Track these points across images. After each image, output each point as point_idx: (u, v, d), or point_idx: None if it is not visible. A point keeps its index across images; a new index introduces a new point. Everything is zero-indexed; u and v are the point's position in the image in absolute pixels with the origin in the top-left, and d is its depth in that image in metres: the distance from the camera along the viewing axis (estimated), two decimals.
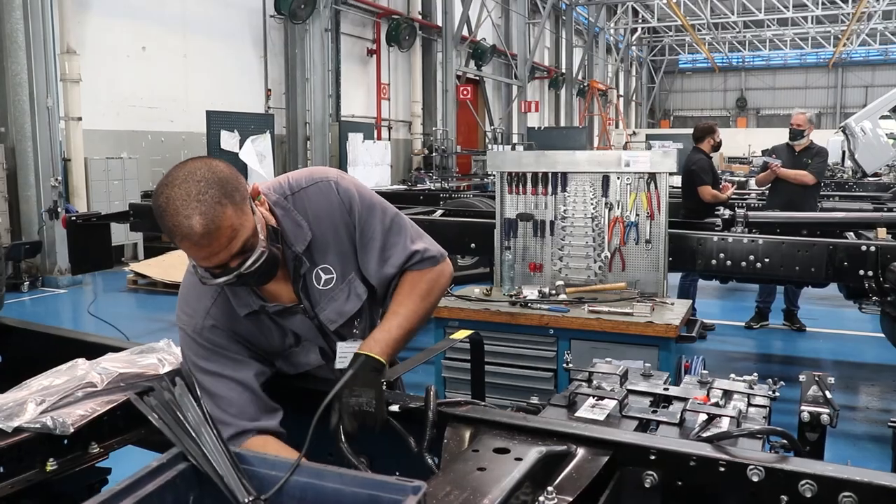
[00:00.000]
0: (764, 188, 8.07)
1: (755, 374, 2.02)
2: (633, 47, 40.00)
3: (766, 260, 5.08)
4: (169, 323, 7.55)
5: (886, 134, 15.31)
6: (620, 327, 3.49)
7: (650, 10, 35.79)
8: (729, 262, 5.16)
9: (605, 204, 4.14)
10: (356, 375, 1.67)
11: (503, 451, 1.44)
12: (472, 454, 1.42)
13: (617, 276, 4.15)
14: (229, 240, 1.55)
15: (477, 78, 22.82)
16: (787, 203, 6.92)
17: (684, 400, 1.86)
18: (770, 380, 1.87)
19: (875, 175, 15.10)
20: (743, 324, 7.56)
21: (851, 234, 5.61)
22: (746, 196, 9.38)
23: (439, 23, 19.38)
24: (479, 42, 21.88)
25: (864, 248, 4.90)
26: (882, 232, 5.29)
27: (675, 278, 6.34)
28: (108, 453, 1.80)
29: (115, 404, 1.79)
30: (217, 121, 12.20)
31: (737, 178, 12.97)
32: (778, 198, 7.20)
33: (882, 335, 7.23)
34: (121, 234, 10.69)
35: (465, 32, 20.06)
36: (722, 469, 1.48)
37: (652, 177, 4.05)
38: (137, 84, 11.81)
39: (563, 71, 29.56)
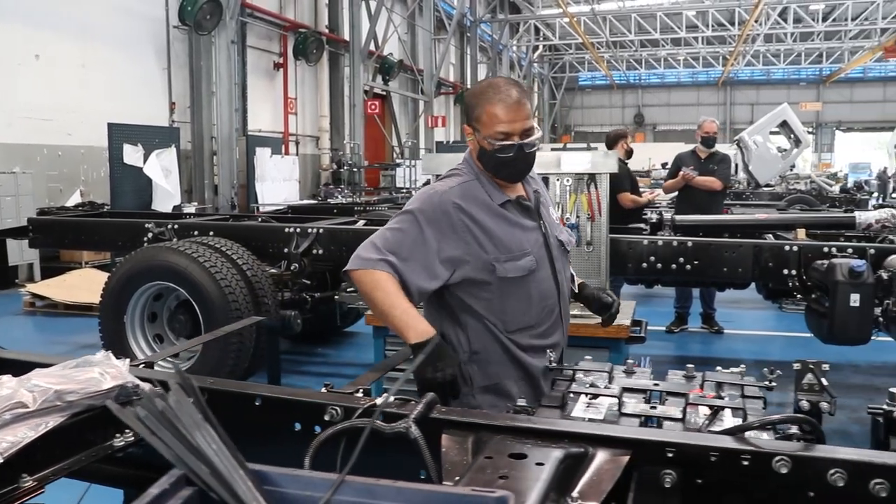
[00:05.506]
0: (670, 195, 8.25)
1: (742, 366, 1.95)
2: (535, 64, 40.83)
3: (696, 262, 5.15)
4: (76, 346, 7.03)
5: (776, 147, 16.16)
6: (570, 330, 3.39)
7: (551, 29, 36.67)
8: (660, 265, 5.21)
9: None
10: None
11: (520, 456, 1.29)
12: (487, 461, 1.27)
13: None
14: (528, 116, 2.25)
15: (384, 93, 22.73)
16: (696, 209, 7.08)
17: (680, 395, 1.76)
18: (766, 369, 1.80)
19: (767, 185, 15.88)
20: (664, 328, 7.69)
21: (770, 235, 5.76)
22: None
23: (347, 37, 19.19)
24: (385, 57, 21.81)
25: (787, 248, 5.03)
26: (802, 233, 5.44)
27: None
28: (43, 486, 1.53)
29: (50, 427, 1.54)
30: (119, 134, 11.59)
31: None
32: (687, 204, 7.36)
33: (793, 333, 7.53)
34: (15, 253, 9.99)
35: (371, 47, 19.94)
36: (746, 463, 1.38)
37: (592, 178, 4.00)
38: (31, 94, 11.09)
39: (469, 86, 29.82)
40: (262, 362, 5.42)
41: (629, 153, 7.42)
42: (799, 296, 5.00)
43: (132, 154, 11.75)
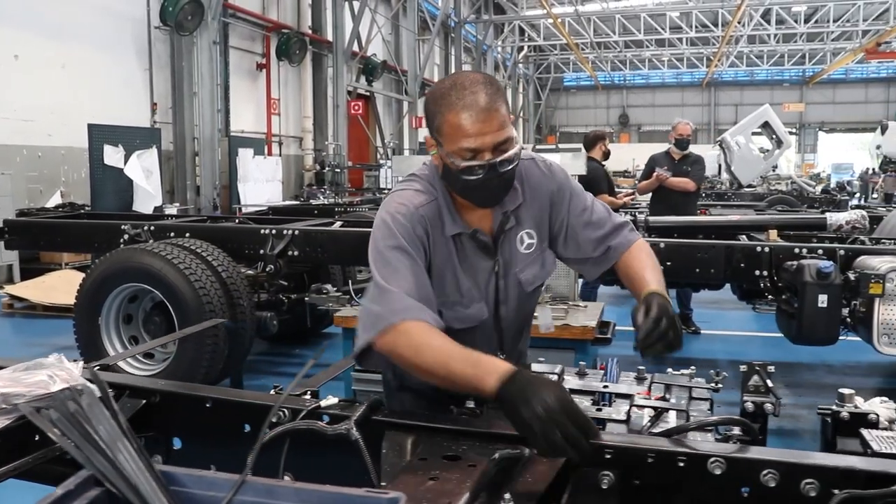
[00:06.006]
0: (645, 196, 8.31)
1: (692, 367, 1.98)
2: (520, 65, 40.92)
3: (668, 263, 5.18)
4: (53, 347, 7.00)
5: (758, 148, 16.30)
6: (535, 331, 3.42)
7: (536, 30, 36.77)
8: None
9: None
10: (665, 307, 1.78)
11: (453, 458, 1.31)
12: (420, 463, 1.29)
13: None
14: (500, 126, 1.75)
15: (368, 93, 22.71)
16: (670, 209, 7.14)
17: (627, 397, 1.78)
18: (712, 371, 1.83)
19: (749, 186, 16.01)
20: None
21: (744, 236, 5.81)
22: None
23: (330, 38, 19.17)
24: (369, 58, 21.78)
25: (758, 249, 5.07)
26: (773, 234, 5.49)
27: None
28: None
29: None
30: (100, 135, 11.52)
31: (624, 189, 13.39)
32: (661, 205, 7.42)
33: (770, 334, 7.58)
34: None
35: (355, 48, 19.92)
36: (682, 464, 1.40)
37: None
38: (11, 95, 10.98)
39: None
40: (237, 364, 5.44)
41: (606, 155, 7.47)
42: (770, 296, 5.05)
43: (113, 155, 11.68)
